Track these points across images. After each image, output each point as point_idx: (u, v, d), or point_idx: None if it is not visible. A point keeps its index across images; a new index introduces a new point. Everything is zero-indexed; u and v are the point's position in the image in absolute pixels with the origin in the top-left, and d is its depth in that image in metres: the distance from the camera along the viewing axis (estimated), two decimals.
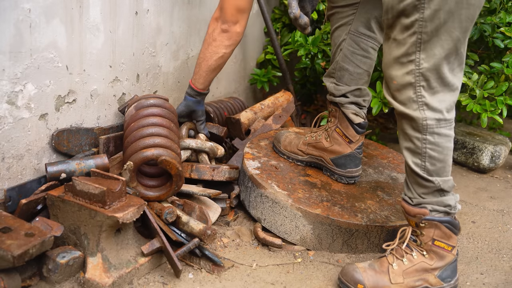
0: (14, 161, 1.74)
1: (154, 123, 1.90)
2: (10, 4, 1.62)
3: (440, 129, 1.60)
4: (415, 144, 1.62)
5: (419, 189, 1.65)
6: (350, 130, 2.08)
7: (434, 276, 1.67)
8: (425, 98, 1.58)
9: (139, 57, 2.19)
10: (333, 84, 2.09)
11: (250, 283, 1.71)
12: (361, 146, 2.12)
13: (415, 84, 1.57)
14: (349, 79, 2.06)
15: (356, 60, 2.04)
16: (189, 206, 1.88)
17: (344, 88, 2.06)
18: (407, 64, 1.57)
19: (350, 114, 2.07)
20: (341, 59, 2.05)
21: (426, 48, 1.53)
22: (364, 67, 2.06)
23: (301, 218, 1.88)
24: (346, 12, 2.02)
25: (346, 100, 2.07)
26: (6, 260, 1.39)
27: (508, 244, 2.09)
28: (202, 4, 2.53)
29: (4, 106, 1.67)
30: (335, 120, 2.12)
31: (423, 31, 1.52)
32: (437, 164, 1.61)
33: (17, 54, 1.67)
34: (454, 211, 1.66)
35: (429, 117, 1.58)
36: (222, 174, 2.06)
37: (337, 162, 2.12)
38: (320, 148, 2.15)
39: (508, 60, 2.53)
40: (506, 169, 2.89)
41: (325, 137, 2.13)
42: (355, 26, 2.02)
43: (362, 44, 2.03)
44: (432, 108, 1.58)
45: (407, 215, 1.69)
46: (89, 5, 1.88)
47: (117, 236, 1.65)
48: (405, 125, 1.63)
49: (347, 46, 2.04)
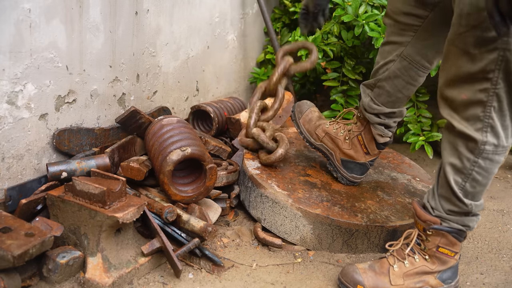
0: (14, 161, 1.74)
1: (181, 131, 1.93)
2: (10, 4, 1.62)
3: (494, 156, 1.52)
4: (463, 163, 1.53)
5: (447, 205, 1.59)
6: (372, 145, 2.03)
7: (435, 278, 1.66)
8: (492, 121, 1.47)
9: (139, 57, 2.19)
10: (368, 99, 1.96)
11: (250, 283, 1.71)
12: (375, 159, 2.08)
13: (486, 104, 1.46)
14: (387, 100, 1.92)
15: (400, 85, 1.88)
16: (189, 206, 1.88)
17: (378, 109, 1.94)
18: (482, 81, 1.44)
19: (376, 135, 2.00)
20: (384, 79, 1.89)
21: (507, 67, 1.41)
22: (406, 93, 1.91)
23: (301, 218, 1.88)
24: (403, 31, 1.81)
25: (377, 120, 1.96)
26: (6, 260, 1.39)
27: (508, 244, 2.09)
28: (202, 4, 2.53)
29: (4, 106, 1.67)
30: (361, 126, 2.04)
31: (507, 48, 1.38)
32: (477, 188, 1.55)
33: (17, 54, 1.67)
34: (470, 230, 1.62)
35: (489, 142, 1.49)
36: (220, 180, 2.05)
37: (346, 165, 2.09)
38: (336, 144, 2.09)
39: None
40: (506, 169, 2.89)
41: (345, 138, 2.07)
42: (410, 51, 1.82)
43: (412, 72, 1.85)
44: (495, 133, 1.49)
45: (417, 218, 1.65)
46: (89, 5, 1.88)
47: (117, 236, 1.65)
48: (459, 143, 1.53)
49: (395, 69, 1.86)
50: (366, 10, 2.55)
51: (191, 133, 1.95)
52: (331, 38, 2.72)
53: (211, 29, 2.64)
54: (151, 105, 2.32)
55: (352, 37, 2.66)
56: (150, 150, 1.93)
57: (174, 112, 2.49)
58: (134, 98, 2.20)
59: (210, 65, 2.69)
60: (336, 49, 2.73)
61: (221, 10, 2.70)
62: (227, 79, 2.89)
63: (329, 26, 2.70)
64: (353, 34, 2.64)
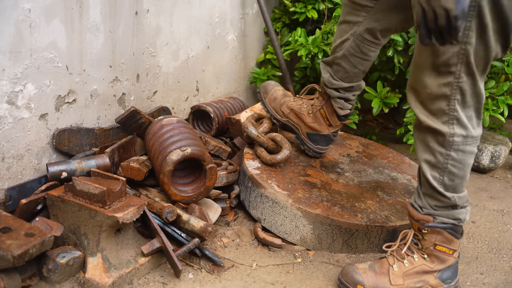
0: (14, 161, 1.74)
1: (181, 131, 1.93)
2: (10, 4, 1.62)
3: (465, 147, 1.55)
4: (436, 158, 1.57)
5: (432, 202, 1.62)
6: (333, 117, 2.16)
7: (434, 277, 1.66)
8: (457, 113, 1.52)
9: (139, 57, 2.19)
10: (328, 75, 2.10)
11: (250, 283, 1.71)
12: (337, 131, 2.23)
13: (450, 97, 1.50)
14: (344, 76, 2.06)
15: (355, 61, 2.03)
16: (189, 206, 1.88)
17: (338, 84, 2.08)
18: (446, 75, 1.49)
19: (337, 108, 2.13)
20: (340, 57, 2.04)
21: (468, 61, 1.46)
22: (361, 68, 2.05)
23: (301, 218, 1.88)
24: (357, 12, 1.94)
25: (337, 94, 2.10)
26: (6, 260, 1.39)
27: (508, 244, 2.09)
28: (202, 4, 2.53)
29: (4, 106, 1.67)
30: (323, 101, 2.17)
31: (469, 41, 1.43)
32: (455, 180, 1.58)
33: (17, 54, 1.67)
34: (462, 224, 1.64)
35: (457, 134, 1.53)
36: (220, 180, 2.05)
37: (311, 137, 2.22)
38: (300, 119, 2.21)
39: (509, 59, 2.53)
40: (506, 169, 2.89)
41: (309, 112, 2.19)
42: (361, 30, 1.95)
43: (364, 49, 2.00)
44: (461, 124, 1.53)
45: (411, 218, 1.68)
46: (89, 5, 1.88)
47: (117, 236, 1.65)
48: (429, 138, 1.57)
49: (349, 47, 2.01)
50: None
51: (191, 133, 1.95)
52: (331, 38, 2.72)
53: (211, 29, 2.64)
54: (151, 105, 2.32)
55: None
56: (150, 150, 1.93)
57: (174, 112, 2.49)
58: (134, 98, 2.20)
59: (210, 65, 2.69)
60: None
61: (221, 10, 2.70)
62: (227, 79, 2.89)
63: (329, 26, 2.70)
64: None
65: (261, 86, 2.35)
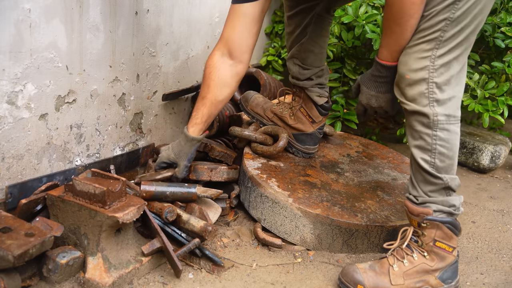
0: (14, 161, 1.74)
1: None
2: (10, 4, 1.62)
3: (450, 126, 1.62)
4: (425, 140, 1.63)
5: (426, 187, 1.65)
6: (314, 111, 2.21)
7: (435, 278, 1.66)
8: (436, 95, 1.60)
9: (139, 57, 2.19)
10: (297, 67, 2.16)
11: (250, 283, 1.71)
12: (322, 127, 2.26)
13: (428, 80, 1.60)
14: (314, 59, 2.15)
15: (321, 41, 2.14)
16: (189, 206, 1.88)
17: (309, 72, 2.15)
18: (422, 60, 1.59)
19: (315, 97, 2.18)
20: (307, 42, 2.12)
21: (444, 47, 1.57)
22: (325, 46, 2.18)
23: (301, 218, 1.88)
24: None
25: (311, 83, 2.17)
26: (6, 260, 1.39)
27: (508, 244, 2.09)
28: (202, 4, 2.53)
29: (4, 106, 1.67)
30: (300, 100, 2.23)
31: (447, 30, 1.55)
32: (446, 161, 1.63)
33: (17, 54, 1.67)
34: (458, 212, 1.67)
35: (440, 113, 1.60)
36: (220, 174, 2.06)
37: (298, 138, 2.24)
38: (284, 122, 2.26)
39: (509, 59, 2.53)
40: (506, 169, 2.89)
41: (290, 115, 2.24)
42: (318, 10, 2.08)
43: (326, 26, 2.13)
44: (442, 104, 1.61)
45: (410, 214, 1.69)
46: (89, 5, 1.88)
47: (117, 236, 1.65)
48: (415, 122, 1.64)
49: (313, 30, 2.10)
50: (366, 10, 2.55)
51: None
52: (331, 39, 2.72)
53: (211, 29, 2.64)
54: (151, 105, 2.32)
55: (352, 38, 2.67)
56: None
57: (174, 112, 2.49)
58: (134, 98, 2.20)
59: None
60: (337, 50, 2.73)
61: (221, 10, 2.69)
62: None
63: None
64: (353, 35, 2.64)
65: (241, 97, 2.40)
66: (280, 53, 3.02)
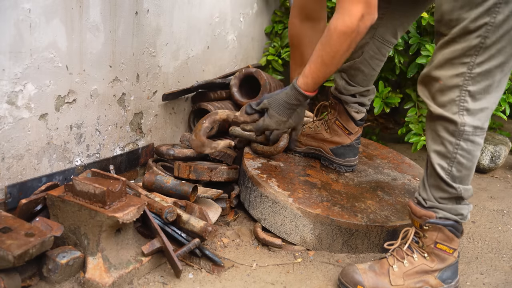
0: (14, 161, 1.74)
1: None
2: (10, 4, 1.62)
3: (475, 137, 1.56)
4: (446, 147, 1.58)
5: (437, 193, 1.62)
6: (350, 123, 2.14)
7: (435, 278, 1.66)
8: (467, 104, 1.54)
9: (139, 57, 2.19)
10: (343, 81, 2.10)
11: (250, 283, 1.71)
12: (359, 137, 2.19)
13: (461, 88, 1.53)
14: (362, 79, 2.08)
15: (374, 64, 2.06)
16: (189, 206, 1.88)
17: (354, 89, 2.09)
18: (459, 66, 1.52)
19: (353, 112, 2.12)
20: (360, 61, 2.05)
21: (485, 54, 1.48)
22: (378, 69, 2.09)
23: (301, 218, 1.88)
24: None
25: (353, 100, 2.10)
26: (6, 260, 1.39)
27: (508, 244, 2.09)
28: (202, 4, 2.53)
29: (4, 106, 1.67)
30: (335, 112, 2.17)
31: (489, 36, 1.46)
32: (463, 171, 1.59)
33: (17, 54, 1.67)
34: (464, 221, 1.64)
35: (468, 123, 1.54)
36: (220, 174, 2.06)
37: (336, 152, 2.18)
38: (319, 139, 2.20)
39: None
40: (506, 169, 2.89)
41: (325, 128, 2.18)
42: (381, 32, 2.00)
43: (384, 50, 2.05)
44: (472, 115, 1.54)
45: (413, 215, 1.67)
46: (89, 5, 1.88)
47: (117, 236, 1.65)
48: (440, 127, 1.58)
49: (369, 50, 2.03)
50: None
51: None
52: None
53: (211, 29, 2.64)
54: (151, 105, 2.32)
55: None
56: None
57: (174, 112, 2.49)
58: (134, 98, 2.20)
59: (210, 65, 2.69)
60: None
61: (221, 10, 2.70)
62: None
63: None
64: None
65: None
66: (280, 53, 3.02)
